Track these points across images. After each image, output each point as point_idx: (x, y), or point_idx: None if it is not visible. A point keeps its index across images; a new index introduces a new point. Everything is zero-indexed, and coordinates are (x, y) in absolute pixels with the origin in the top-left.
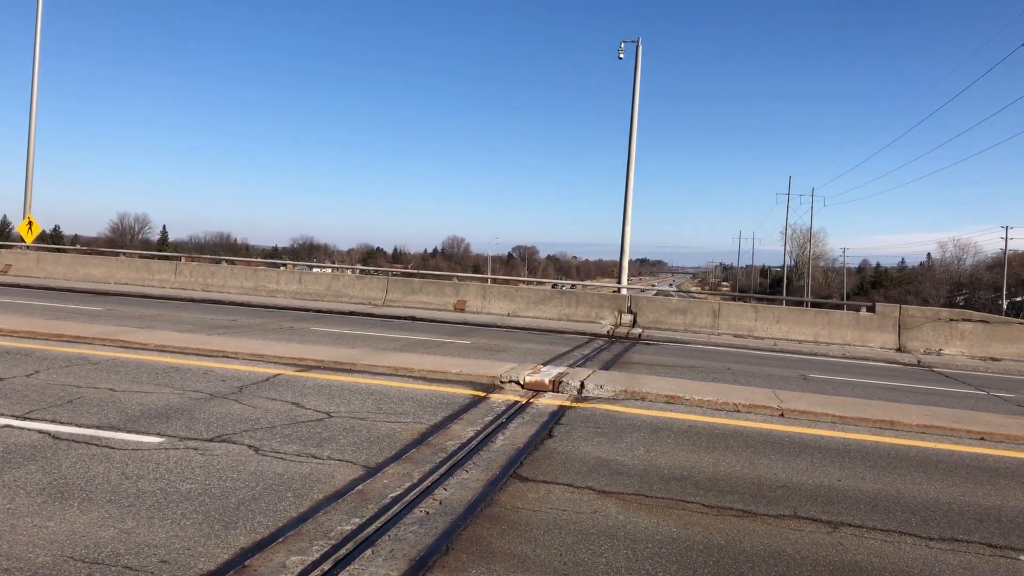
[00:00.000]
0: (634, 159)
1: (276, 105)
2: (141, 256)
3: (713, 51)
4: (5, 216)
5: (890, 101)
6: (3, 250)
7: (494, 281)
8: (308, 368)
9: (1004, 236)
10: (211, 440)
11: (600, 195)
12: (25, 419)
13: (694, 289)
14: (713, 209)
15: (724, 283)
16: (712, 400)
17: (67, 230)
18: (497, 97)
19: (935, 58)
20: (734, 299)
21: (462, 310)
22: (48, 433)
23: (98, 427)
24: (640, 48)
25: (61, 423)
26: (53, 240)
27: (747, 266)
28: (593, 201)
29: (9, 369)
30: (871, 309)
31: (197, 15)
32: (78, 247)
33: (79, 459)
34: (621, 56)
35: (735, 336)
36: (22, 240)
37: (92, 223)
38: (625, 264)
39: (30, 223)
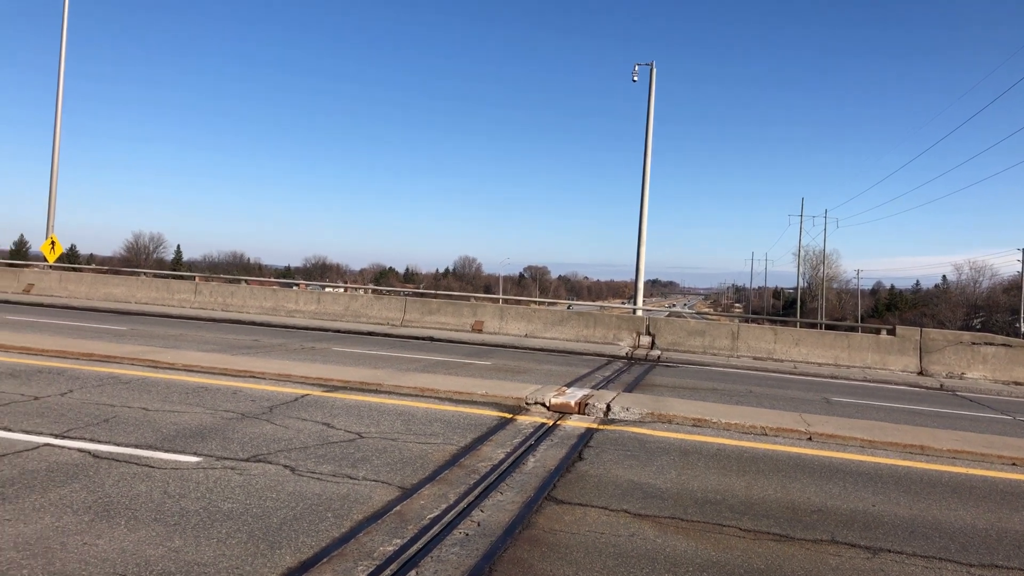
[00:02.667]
0: (648, 181)
1: (288, 124)
2: (158, 275)
3: (726, 73)
4: (22, 235)
5: (904, 123)
6: (26, 270)
7: (506, 302)
8: (335, 388)
9: (1021, 259)
10: (247, 460)
11: (611, 216)
12: (64, 438)
13: (707, 310)
14: (725, 230)
15: (737, 304)
16: (739, 423)
17: (83, 249)
18: (509, 118)
19: (950, 79)
20: (749, 321)
21: (479, 331)
22: (88, 452)
23: (136, 446)
24: (654, 71)
25: (100, 442)
26: (69, 259)
27: (760, 287)
28: (604, 222)
29: (44, 388)
30: (891, 332)
31: (212, 35)
32: (95, 266)
33: (121, 477)
34: (635, 79)
35: (754, 359)
36: (44, 259)
37: (107, 242)
38: (640, 285)
39: (52, 243)
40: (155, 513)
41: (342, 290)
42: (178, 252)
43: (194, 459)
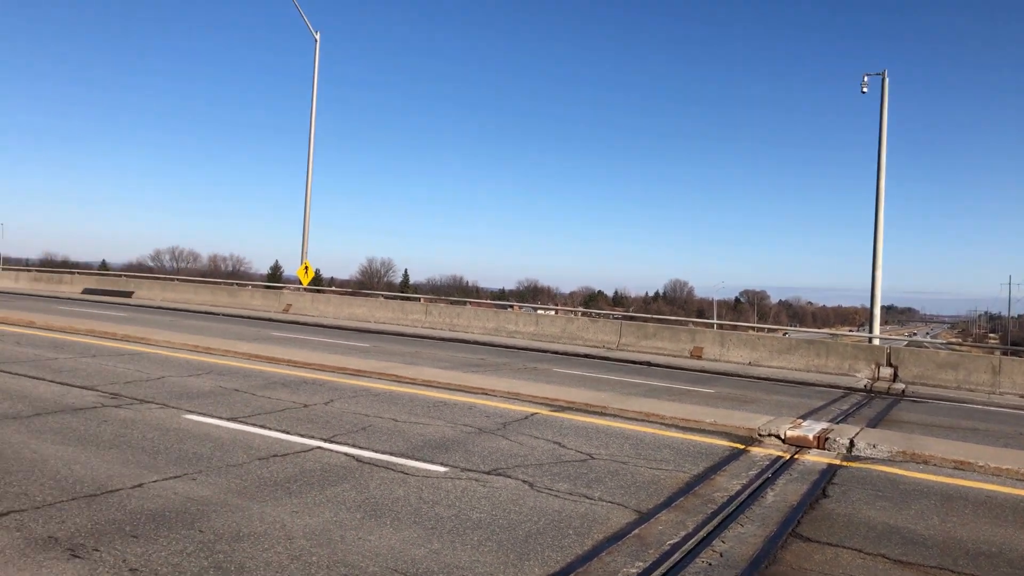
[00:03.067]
0: (883, 199)
1: (499, 151)
2: (390, 297)
3: (969, 79)
4: (277, 261)
5: None
6: (284, 291)
7: (721, 327)
8: (561, 409)
9: None
10: (488, 473)
11: (837, 236)
12: (332, 442)
13: (953, 340)
14: (973, 250)
15: (991, 334)
16: (1013, 469)
17: (325, 273)
18: (720, 136)
19: None
20: (1009, 353)
21: (699, 357)
22: (352, 456)
23: (391, 453)
24: (886, 80)
25: (361, 447)
26: (315, 283)
27: (1019, 315)
28: (828, 243)
29: (310, 397)
30: None
31: (426, 86)
32: (336, 288)
33: (382, 481)
34: (865, 90)
35: (1021, 396)
36: (298, 282)
37: (345, 267)
38: (876, 312)
39: (306, 268)
40: (414, 516)
41: (553, 312)
42: (405, 276)
43: (441, 469)
